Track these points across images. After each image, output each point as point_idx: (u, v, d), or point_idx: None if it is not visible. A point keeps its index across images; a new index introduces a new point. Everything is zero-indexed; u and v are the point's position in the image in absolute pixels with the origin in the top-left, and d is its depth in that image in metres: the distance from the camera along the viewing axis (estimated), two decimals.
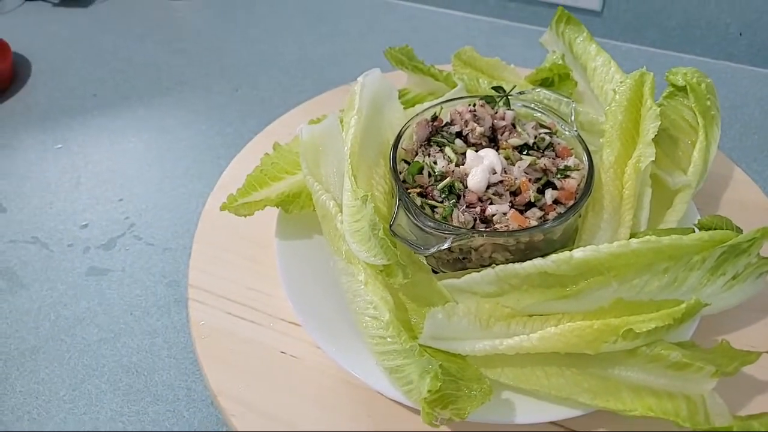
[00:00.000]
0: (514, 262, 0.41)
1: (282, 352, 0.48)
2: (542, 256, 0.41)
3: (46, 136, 0.82)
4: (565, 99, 0.53)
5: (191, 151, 0.79)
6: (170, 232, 0.68)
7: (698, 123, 0.52)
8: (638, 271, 0.40)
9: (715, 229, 0.42)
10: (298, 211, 0.52)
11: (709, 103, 0.53)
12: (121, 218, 0.70)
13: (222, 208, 0.50)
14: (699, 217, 0.48)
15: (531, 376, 0.40)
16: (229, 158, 0.65)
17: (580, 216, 0.47)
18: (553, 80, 0.62)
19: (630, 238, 0.43)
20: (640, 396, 0.38)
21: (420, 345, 0.40)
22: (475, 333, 0.41)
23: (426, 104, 0.54)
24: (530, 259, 0.41)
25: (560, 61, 0.61)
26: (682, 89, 0.53)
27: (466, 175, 0.45)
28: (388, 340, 0.40)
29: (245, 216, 0.50)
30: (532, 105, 0.52)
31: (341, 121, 0.50)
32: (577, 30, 0.61)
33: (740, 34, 0.89)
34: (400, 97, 0.56)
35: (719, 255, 0.41)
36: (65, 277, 0.64)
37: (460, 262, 0.46)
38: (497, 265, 0.42)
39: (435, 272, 0.47)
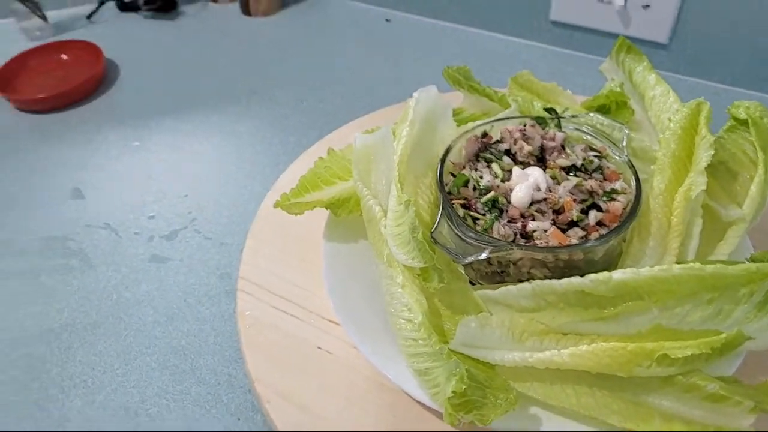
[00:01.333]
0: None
1: (318, 348, 0.50)
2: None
3: (126, 133, 0.90)
4: (618, 124, 0.53)
5: (254, 156, 0.84)
6: (228, 228, 0.72)
7: (758, 157, 0.50)
8: (680, 300, 0.39)
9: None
10: (346, 215, 0.54)
11: None
12: (185, 212, 0.75)
13: (275, 206, 0.53)
14: (752, 252, 0.46)
15: (560, 394, 0.40)
16: (288, 164, 0.69)
17: (624, 240, 0.46)
18: (609, 107, 0.61)
19: None
20: (672, 424, 0.37)
21: (450, 349, 0.40)
22: (506, 345, 0.42)
23: (478, 122, 0.55)
24: None
25: (618, 89, 0.60)
26: (744, 123, 0.52)
27: (511, 190, 0.46)
28: (420, 342, 0.41)
29: (296, 214, 0.53)
30: (584, 128, 0.52)
31: (394, 133, 0.53)
32: (637, 59, 0.61)
33: None
34: (454, 116, 0.58)
35: None
36: (129, 262, 0.69)
37: (499, 275, 0.46)
38: None
39: (472, 284, 0.47)
